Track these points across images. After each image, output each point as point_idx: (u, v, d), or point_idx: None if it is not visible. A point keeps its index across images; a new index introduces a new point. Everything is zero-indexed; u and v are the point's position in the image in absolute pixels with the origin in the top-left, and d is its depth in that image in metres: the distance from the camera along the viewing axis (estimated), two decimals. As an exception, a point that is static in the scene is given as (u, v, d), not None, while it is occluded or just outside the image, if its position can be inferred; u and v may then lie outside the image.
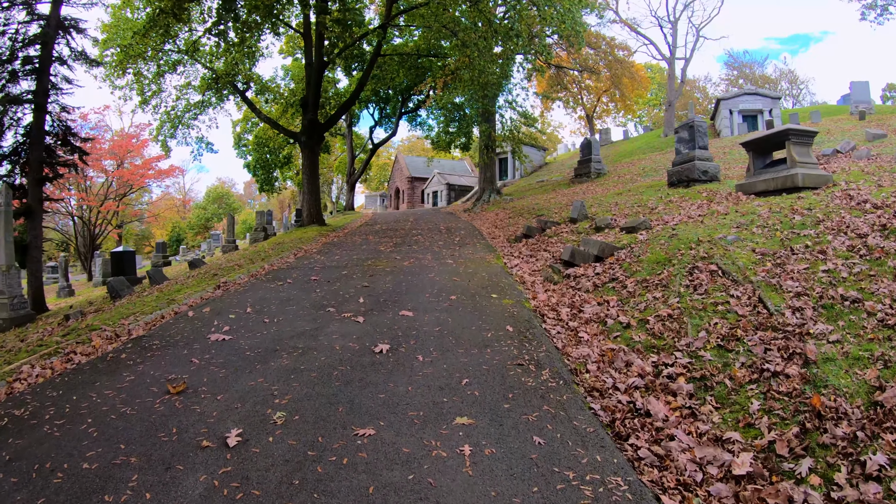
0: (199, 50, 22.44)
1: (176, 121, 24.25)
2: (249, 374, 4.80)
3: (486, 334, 5.59)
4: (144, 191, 56.56)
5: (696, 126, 15.39)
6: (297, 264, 11.50)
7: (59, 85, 19.17)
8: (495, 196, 25.07)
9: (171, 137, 24.90)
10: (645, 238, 8.77)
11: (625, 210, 12.49)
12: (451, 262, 10.44)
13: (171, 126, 24.30)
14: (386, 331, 5.80)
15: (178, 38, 21.43)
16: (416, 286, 8.11)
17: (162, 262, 31.50)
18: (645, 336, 5.66)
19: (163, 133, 24.57)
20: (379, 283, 8.49)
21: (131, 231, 62.57)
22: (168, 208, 69.58)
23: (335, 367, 4.75)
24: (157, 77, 22.62)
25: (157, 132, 24.93)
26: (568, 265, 8.96)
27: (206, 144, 25.97)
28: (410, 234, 16.09)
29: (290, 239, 17.95)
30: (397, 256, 11.39)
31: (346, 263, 10.81)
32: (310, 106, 21.46)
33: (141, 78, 22.37)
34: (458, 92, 21.31)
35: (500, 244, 13.52)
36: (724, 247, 7.42)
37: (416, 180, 50.19)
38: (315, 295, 7.92)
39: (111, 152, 45.97)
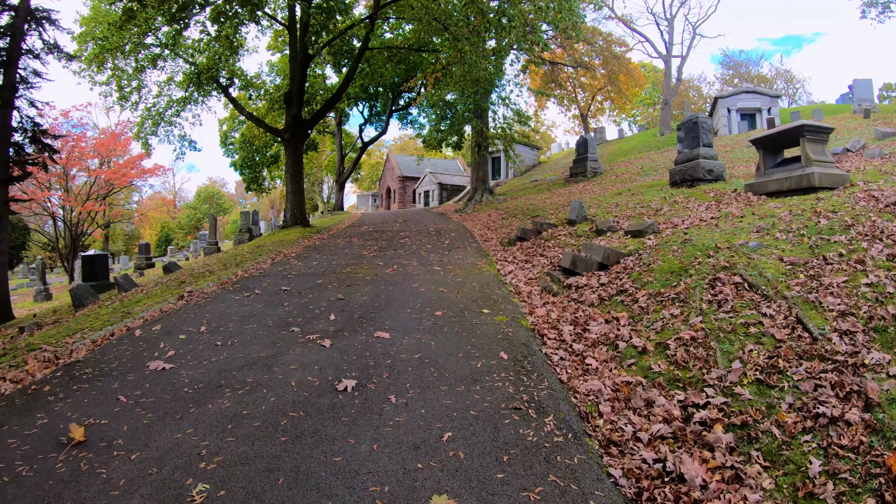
0: (180, 44, 21.37)
1: (157, 118, 23.20)
2: (179, 421, 3.83)
3: (475, 364, 4.63)
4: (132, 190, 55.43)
5: (701, 123, 14.54)
6: (271, 271, 10.52)
7: (29, 79, 18.05)
8: (488, 196, 24.14)
9: (153, 135, 23.82)
10: (654, 243, 7.85)
11: (627, 211, 11.57)
12: (438, 269, 9.48)
13: (153, 123, 23.24)
14: (355, 359, 4.83)
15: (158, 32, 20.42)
16: (397, 299, 7.14)
17: (145, 265, 30.43)
18: (666, 365, 4.73)
19: (144, 131, 23.47)
20: (356, 294, 7.52)
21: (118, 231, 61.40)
22: (154, 207, 68.37)
23: (285, 413, 3.79)
24: (137, 72, 21.54)
25: (138, 130, 23.84)
26: (568, 273, 8.02)
27: (188, 143, 24.88)
28: (397, 237, 15.12)
29: (271, 241, 16.95)
30: (380, 262, 10.41)
31: (323, 270, 9.82)
32: (294, 101, 20.46)
33: (119, 73, 21.30)
34: (449, 88, 20.34)
35: (492, 248, 12.58)
36: (747, 255, 6.51)
37: (407, 180, 49.19)
38: (282, 310, 6.94)
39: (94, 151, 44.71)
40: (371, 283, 8.25)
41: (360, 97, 34.48)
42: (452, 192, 41.83)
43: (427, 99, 24.08)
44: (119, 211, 54.88)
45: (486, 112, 22.98)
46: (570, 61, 27.42)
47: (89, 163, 43.73)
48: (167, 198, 75.04)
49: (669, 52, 37.27)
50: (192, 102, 23.23)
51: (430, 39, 22.12)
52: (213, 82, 22.05)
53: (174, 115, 23.57)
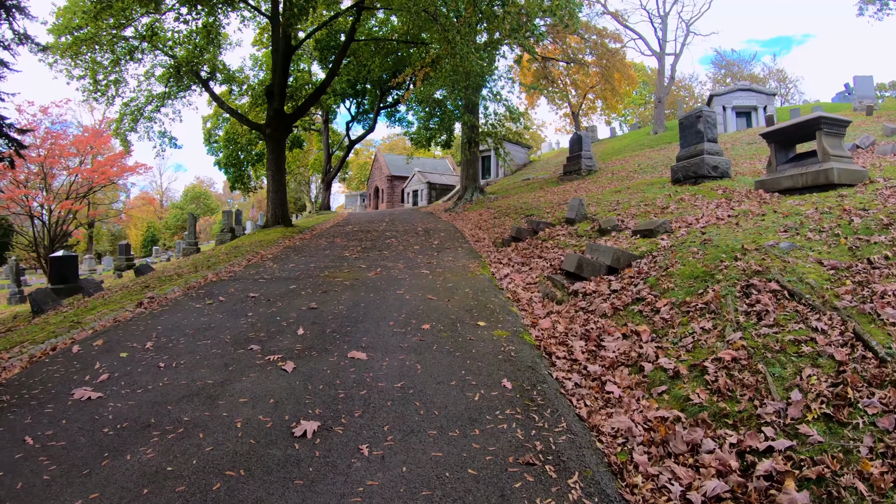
0: (158, 35, 20.28)
1: (137, 114, 22.08)
2: (86, 478, 2.89)
3: (472, 396, 3.70)
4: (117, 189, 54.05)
5: (705, 117, 13.74)
6: (243, 274, 9.54)
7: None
8: (478, 195, 23.21)
9: (132, 132, 22.72)
10: (669, 244, 6.98)
11: (631, 209, 10.70)
12: (426, 272, 8.53)
13: (132, 119, 22.13)
14: (322, 389, 3.88)
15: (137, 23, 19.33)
16: (378, 308, 6.19)
17: (126, 266, 29.15)
18: (707, 394, 3.84)
19: (123, 127, 22.35)
20: (331, 303, 6.55)
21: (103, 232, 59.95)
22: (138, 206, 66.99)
23: (221, 472, 2.84)
24: (113, 64, 20.37)
25: (116, 126, 22.73)
26: (573, 278, 7.12)
27: (169, 139, 23.72)
28: (383, 237, 14.15)
29: (250, 242, 15.93)
30: (362, 265, 9.45)
31: (299, 274, 8.85)
32: (276, 95, 19.45)
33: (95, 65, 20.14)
34: (439, 83, 19.36)
35: (485, 249, 11.67)
36: (780, 257, 5.64)
37: (395, 179, 48.14)
38: (244, 321, 5.97)
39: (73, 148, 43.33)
40: (350, 289, 7.29)
41: (347, 93, 33.43)
42: (442, 192, 40.87)
43: (416, 94, 23.12)
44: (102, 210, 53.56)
45: (477, 107, 22.07)
46: (563, 57, 26.58)
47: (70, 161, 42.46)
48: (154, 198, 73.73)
49: (663, 50, 36.59)
50: (172, 97, 22.15)
51: (418, 33, 21.17)
52: (193, 76, 20.98)
53: (154, 110, 22.47)
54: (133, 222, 65.81)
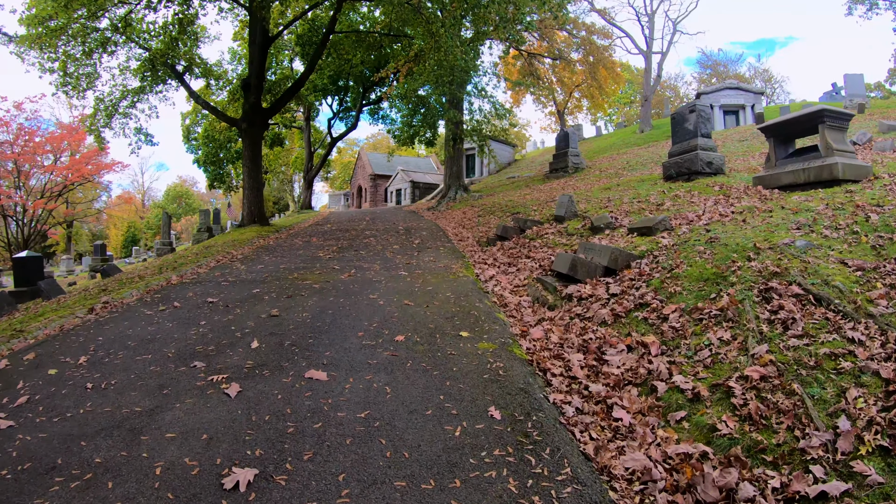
0: (133, 26, 19.32)
1: (111, 109, 21.03)
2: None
3: (451, 430, 3.00)
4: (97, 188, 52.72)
5: (700, 111, 13.20)
6: (207, 276, 8.77)
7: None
8: (462, 193, 22.50)
9: (107, 128, 21.68)
10: (671, 243, 6.34)
11: (623, 206, 10.09)
12: (404, 273, 7.82)
13: (106, 115, 21.06)
14: (267, 421, 3.16)
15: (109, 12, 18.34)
16: (347, 316, 5.47)
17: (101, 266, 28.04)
18: (735, 422, 3.21)
19: (97, 123, 21.31)
20: (295, 309, 5.81)
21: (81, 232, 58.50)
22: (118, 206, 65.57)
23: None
24: (86, 56, 19.33)
25: (90, 122, 21.69)
26: (566, 280, 6.45)
27: (145, 136, 22.63)
28: (361, 236, 13.40)
29: (223, 242, 15.11)
30: (336, 266, 8.70)
31: (266, 276, 8.09)
32: (252, 88, 18.63)
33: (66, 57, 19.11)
34: (423, 78, 18.61)
35: (469, 248, 10.98)
36: (798, 257, 5.02)
37: (379, 178, 47.29)
38: (194, 332, 5.22)
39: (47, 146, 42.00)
40: (319, 294, 6.54)
41: (328, 90, 32.54)
42: (425, 191, 40.12)
43: (399, 90, 22.35)
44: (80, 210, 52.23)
45: (462, 103, 21.37)
46: (550, 54, 25.97)
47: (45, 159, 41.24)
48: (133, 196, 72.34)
49: (650, 48, 36.21)
50: (147, 92, 21.15)
51: (401, 26, 20.42)
52: (168, 69, 20.04)
53: (129, 106, 21.43)
54: (113, 222, 64.45)
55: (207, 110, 21.39)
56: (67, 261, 39.57)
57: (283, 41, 30.85)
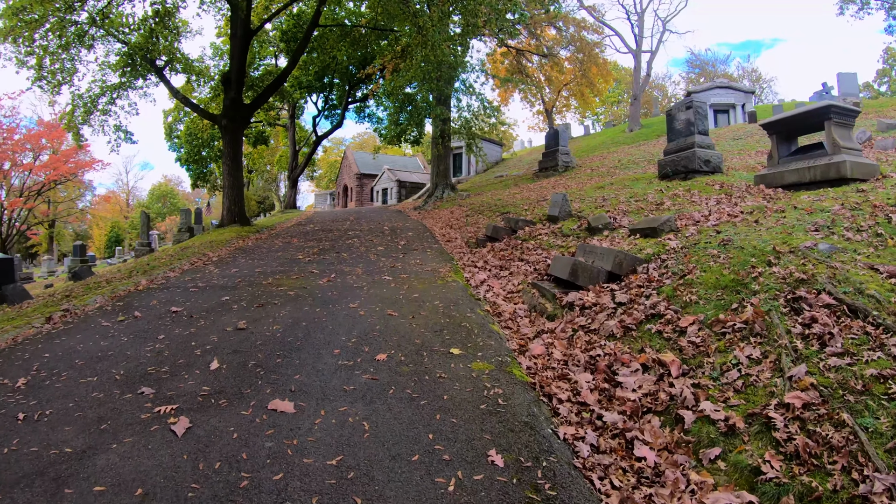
0: (111, 19, 18.53)
1: (90, 105, 20.21)
2: None
3: (443, 483, 2.41)
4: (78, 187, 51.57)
5: (696, 107, 12.78)
6: (176, 281, 8.13)
7: None
8: (449, 192, 21.90)
9: (85, 125, 20.89)
10: (679, 245, 5.82)
11: (620, 206, 9.58)
12: (388, 278, 7.22)
13: (85, 112, 20.24)
14: (218, 469, 2.56)
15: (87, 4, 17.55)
16: (323, 329, 4.85)
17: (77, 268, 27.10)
18: (780, 461, 2.70)
19: (75, 120, 20.52)
20: (265, 321, 5.19)
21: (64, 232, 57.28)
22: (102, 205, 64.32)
23: None
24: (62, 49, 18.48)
25: (68, 119, 20.89)
26: (565, 286, 5.91)
27: (125, 134, 21.79)
28: (344, 237, 12.76)
29: (201, 243, 14.41)
30: (315, 269, 8.08)
31: (238, 281, 7.46)
32: (233, 83, 17.92)
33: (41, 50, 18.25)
34: (410, 74, 17.97)
35: (457, 250, 10.42)
36: (824, 262, 4.51)
37: (365, 177, 46.54)
38: (150, 348, 4.59)
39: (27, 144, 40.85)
40: (293, 302, 5.93)
41: (313, 87, 31.76)
42: (412, 190, 39.48)
43: (385, 87, 21.72)
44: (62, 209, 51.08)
45: (450, 99, 20.79)
46: (538, 51, 25.47)
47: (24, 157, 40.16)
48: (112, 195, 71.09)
49: (639, 46, 35.84)
50: (127, 88, 20.36)
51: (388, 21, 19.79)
52: (147, 64, 19.27)
53: (109, 102, 20.62)
54: (96, 222, 63.28)
55: (187, 106, 20.64)
56: (49, 261, 38.52)
57: (269, 37, 30.13)
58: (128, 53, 18.96)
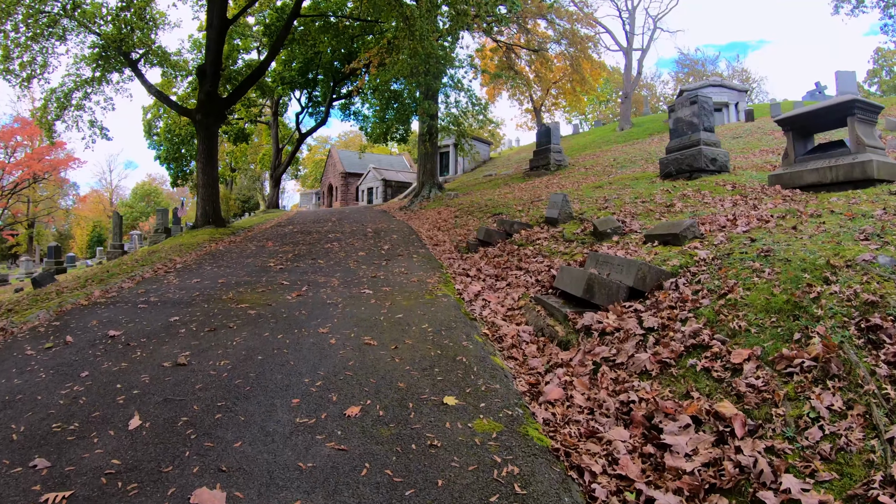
0: (84, 10, 17.42)
1: (63, 100, 19.10)
2: None
3: None
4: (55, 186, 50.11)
5: (701, 102, 12.04)
6: (129, 293, 7.17)
7: None
8: (436, 191, 20.96)
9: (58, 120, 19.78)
10: (709, 255, 4.98)
11: (626, 207, 8.74)
12: (368, 291, 6.29)
13: (58, 106, 19.13)
14: None
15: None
16: (282, 365, 3.88)
17: (55, 270, 25.76)
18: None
19: (48, 115, 19.42)
20: (213, 352, 4.23)
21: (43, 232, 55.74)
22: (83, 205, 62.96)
23: None
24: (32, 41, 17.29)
25: (41, 114, 19.76)
26: (577, 303, 5.03)
27: (100, 130, 20.64)
28: (324, 240, 11.79)
29: (170, 246, 13.37)
30: (285, 280, 7.12)
31: (196, 295, 6.50)
32: (208, 75, 16.86)
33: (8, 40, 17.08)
34: (396, 68, 17.01)
35: (446, 255, 9.52)
36: (890, 278, 3.68)
37: (350, 176, 45.47)
38: (67, 391, 3.64)
39: None
40: (252, 325, 4.97)
41: (296, 82, 30.60)
42: (398, 189, 38.52)
43: (371, 82, 20.73)
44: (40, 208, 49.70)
45: (437, 94, 19.86)
46: (529, 44, 24.63)
47: None
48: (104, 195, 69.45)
49: (630, 44, 35.23)
50: (101, 82, 19.26)
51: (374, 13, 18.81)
52: (120, 56, 18.16)
53: (83, 97, 19.51)
54: (78, 221, 61.83)
55: (160, 100, 19.56)
56: (27, 262, 37.09)
57: (252, 32, 28.90)
58: (102, 46, 17.89)
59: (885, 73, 51.71)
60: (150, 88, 19.42)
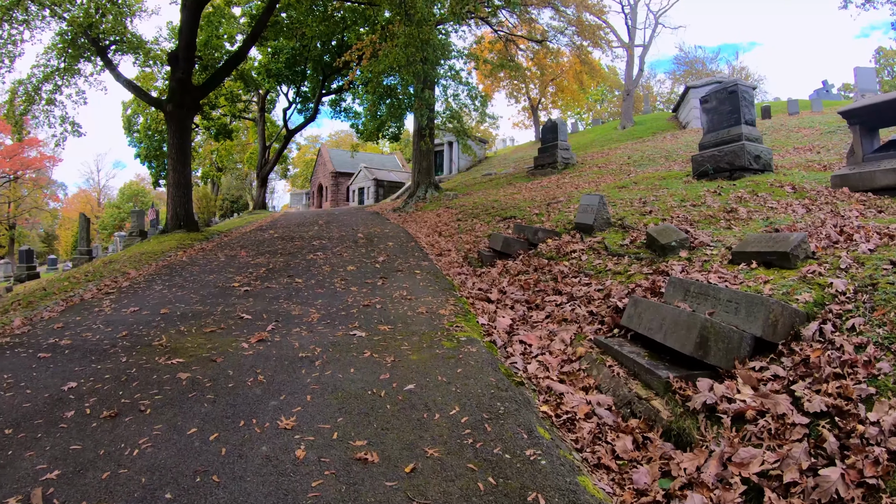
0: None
1: (33, 94, 17.37)
2: None
3: None
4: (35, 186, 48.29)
5: (742, 92, 10.55)
6: (43, 329, 5.49)
7: None
8: (433, 192, 19.22)
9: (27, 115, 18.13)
10: (847, 287, 3.38)
11: (675, 212, 7.15)
12: (360, 334, 4.56)
13: (26, 100, 17.38)
14: None
15: None
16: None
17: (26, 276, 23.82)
18: None
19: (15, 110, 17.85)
20: (95, 474, 2.47)
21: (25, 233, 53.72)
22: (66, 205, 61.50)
23: None
24: None
25: (8, 108, 18.08)
26: (675, 359, 3.40)
27: (71, 125, 18.85)
28: (307, 248, 10.06)
29: (130, 255, 11.60)
30: (246, 313, 5.34)
31: (120, 337, 4.75)
32: (180, 60, 15.12)
33: None
34: (391, 57, 15.32)
35: (455, 269, 7.87)
36: None
37: (340, 175, 43.65)
38: None
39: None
40: (176, 407, 3.19)
41: (283, 75, 28.71)
42: (390, 190, 36.79)
43: (363, 74, 19.03)
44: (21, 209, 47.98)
45: (435, 85, 18.20)
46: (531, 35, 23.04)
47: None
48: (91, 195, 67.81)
49: (632, 40, 33.69)
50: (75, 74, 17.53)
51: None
52: (88, 42, 16.42)
53: (54, 90, 17.76)
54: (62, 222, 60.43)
55: (129, 89, 17.77)
56: (6, 266, 35.13)
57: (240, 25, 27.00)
58: (69, 32, 16.17)
59: (887, 73, 50.53)
60: (118, 78, 17.66)
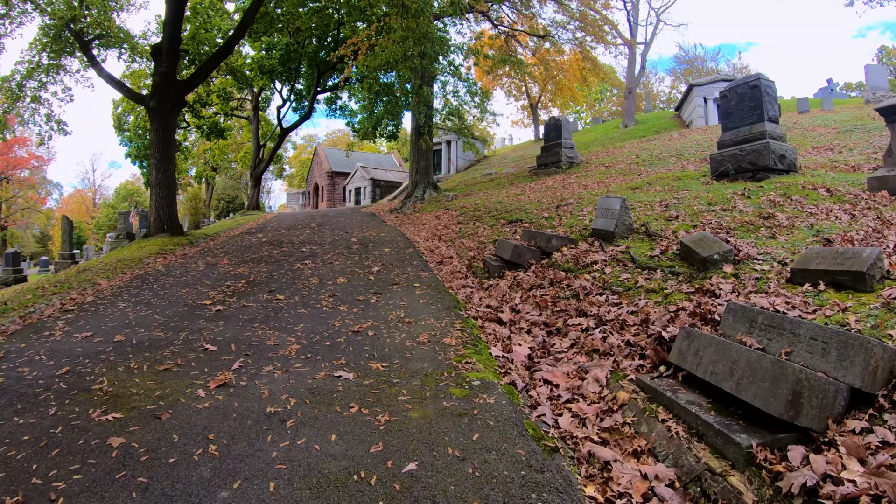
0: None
1: (17, 91, 16.64)
2: None
3: None
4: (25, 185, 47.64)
5: (765, 87, 9.90)
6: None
7: None
8: (431, 192, 18.44)
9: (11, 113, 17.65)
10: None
11: (705, 217, 6.42)
12: (347, 375, 3.69)
13: (11, 99, 16.67)
14: None
15: None
16: None
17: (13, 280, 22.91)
18: None
19: None
20: None
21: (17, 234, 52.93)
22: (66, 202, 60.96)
23: None
24: None
25: None
26: (747, 414, 2.65)
27: (57, 124, 18.10)
28: (294, 257, 9.25)
29: (107, 262, 10.82)
30: (212, 344, 4.46)
31: (57, 376, 3.88)
32: (164, 54, 14.36)
33: None
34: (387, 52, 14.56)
35: (458, 280, 7.10)
36: None
37: (336, 175, 42.87)
38: None
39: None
40: (86, 499, 2.30)
41: (277, 72, 27.84)
42: (387, 189, 36.03)
43: (359, 69, 18.23)
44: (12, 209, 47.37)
45: (434, 81, 17.43)
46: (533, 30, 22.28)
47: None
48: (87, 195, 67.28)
49: (634, 37, 32.95)
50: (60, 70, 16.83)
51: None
52: (70, 35, 15.67)
53: (39, 87, 17.03)
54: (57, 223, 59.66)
55: (111, 84, 16.92)
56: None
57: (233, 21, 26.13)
58: (54, 26, 15.45)
59: (890, 73, 49.94)
60: (101, 72, 16.86)
